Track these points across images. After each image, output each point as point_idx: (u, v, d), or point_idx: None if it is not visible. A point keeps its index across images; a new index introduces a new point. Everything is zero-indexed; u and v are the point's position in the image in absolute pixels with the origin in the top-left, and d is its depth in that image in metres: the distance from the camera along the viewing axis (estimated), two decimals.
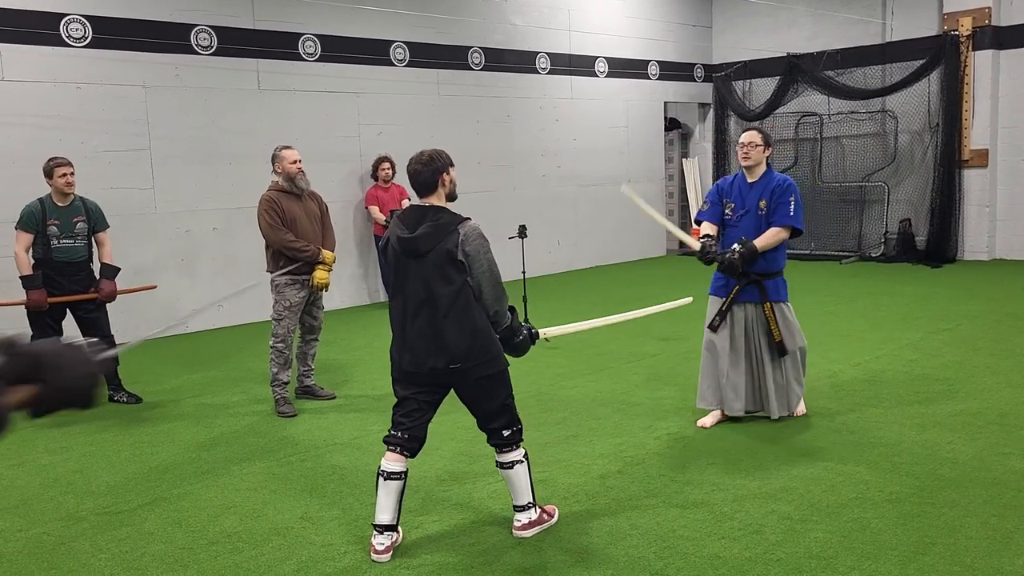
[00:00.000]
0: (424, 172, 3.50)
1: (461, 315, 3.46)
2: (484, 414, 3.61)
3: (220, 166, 8.74)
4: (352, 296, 9.90)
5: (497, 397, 3.58)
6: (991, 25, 11.10)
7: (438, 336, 3.45)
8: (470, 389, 3.57)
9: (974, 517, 3.67)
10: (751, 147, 4.90)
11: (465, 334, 3.46)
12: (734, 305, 4.93)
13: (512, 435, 3.62)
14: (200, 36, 8.53)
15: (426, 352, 3.48)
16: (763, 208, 4.86)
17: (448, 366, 3.46)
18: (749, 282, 4.89)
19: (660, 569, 3.33)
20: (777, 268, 4.94)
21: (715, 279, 5.05)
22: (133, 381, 6.46)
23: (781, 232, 4.83)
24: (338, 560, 3.52)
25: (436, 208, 3.52)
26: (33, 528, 3.97)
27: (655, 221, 5.22)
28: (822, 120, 12.62)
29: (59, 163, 5.74)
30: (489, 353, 3.52)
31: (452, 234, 3.43)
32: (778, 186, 4.87)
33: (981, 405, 5.22)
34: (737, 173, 5.06)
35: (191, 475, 4.59)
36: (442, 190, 3.54)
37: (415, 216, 3.51)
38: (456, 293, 3.45)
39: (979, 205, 11.45)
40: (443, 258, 3.43)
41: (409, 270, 3.49)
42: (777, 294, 4.95)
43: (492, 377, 3.55)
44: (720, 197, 5.04)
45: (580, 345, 7.33)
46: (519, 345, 3.69)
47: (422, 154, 3.54)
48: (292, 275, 5.59)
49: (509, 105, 11.26)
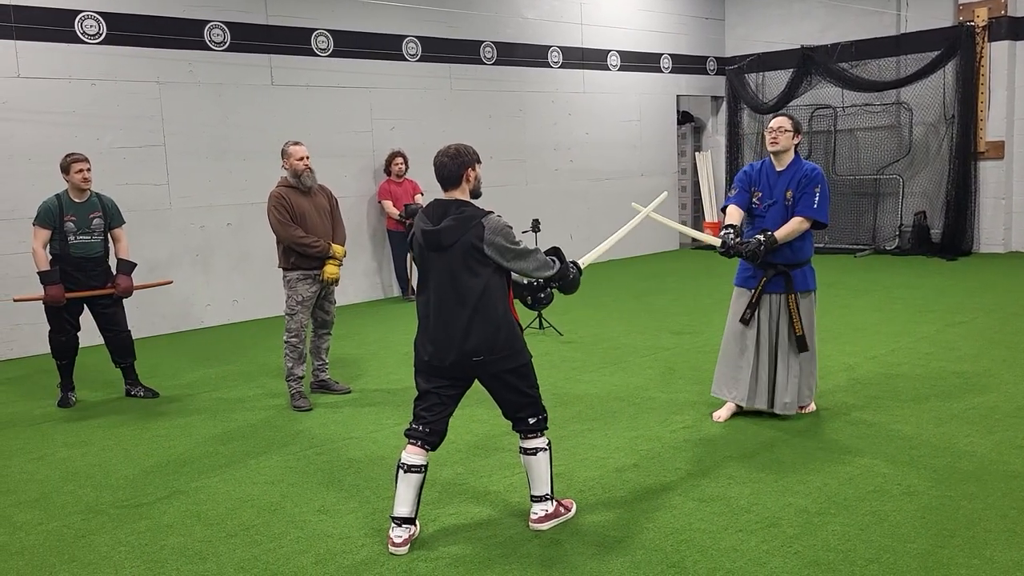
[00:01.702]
0: (450, 165, 3.51)
1: (485, 308, 3.47)
2: (510, 405, 3.64)
3: (234, 162, 8.77)
4: (366, 291, 9.92)
5: (522, 389, 3.60)
6: (1007, 16, 11.00)
7: (462, 329, 3.47)
8: (494, 382, 3.58)
9: (993, 510, 3.65)
10: (780, 132, 4.80)
11: (489, 327, 3.48)
12: (761, 296, 4.88)
13: (538, 423, 3.66)
14: (213, 32, 8.55)
15: (449, 344, 3.49)
16: (790, 199, 4.78)
17: (471, 359, 3.48)
18: (776, 273, 4.83)
19: (677, 562, 3.33)
20: (805, 258, 4.88)
21: (741, 269, 4.99)
22: (150, 376, 6.50)
23: (804, 223, 4.76)
24: (356, 553, 3.54)
25: (460, 202, 3.53)
26: (53, 521, 4.01)
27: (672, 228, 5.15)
28: (836, 113, 12.55)
29: (76, 159, 5.78)
30: (512, 347, 3.54)
31: (475, 227, 3.45)
32: (805, 175, 4.78)
33: (998, 398, 5.19)
34: (764, 160, 4.95)
35: (209, 469, 4.62)
36: (466, 185, 3.56)
37: (439, 210, 3.53)
38: (480, 286, 3.46)
39: (995, 197, 11.36)
40: (467, 251, 3.44)
41: (433, 263, 3.51)
42: (805, 284, 4.89)
43: (516, 371, 3.57)
44: (749, 184, 4.93)
45: (594, 339, 7.33)
46: (574, 281, 3.82)
47: (449, 148, 3.55)
48: (303, 270, 5.61)
49: (521, 99, 11.25)
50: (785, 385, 4.92)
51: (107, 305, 5.94)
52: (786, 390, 4.92)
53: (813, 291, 4.96)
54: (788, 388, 4.92)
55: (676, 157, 13.64)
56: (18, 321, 7.49)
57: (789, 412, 4.93)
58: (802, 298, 4.90)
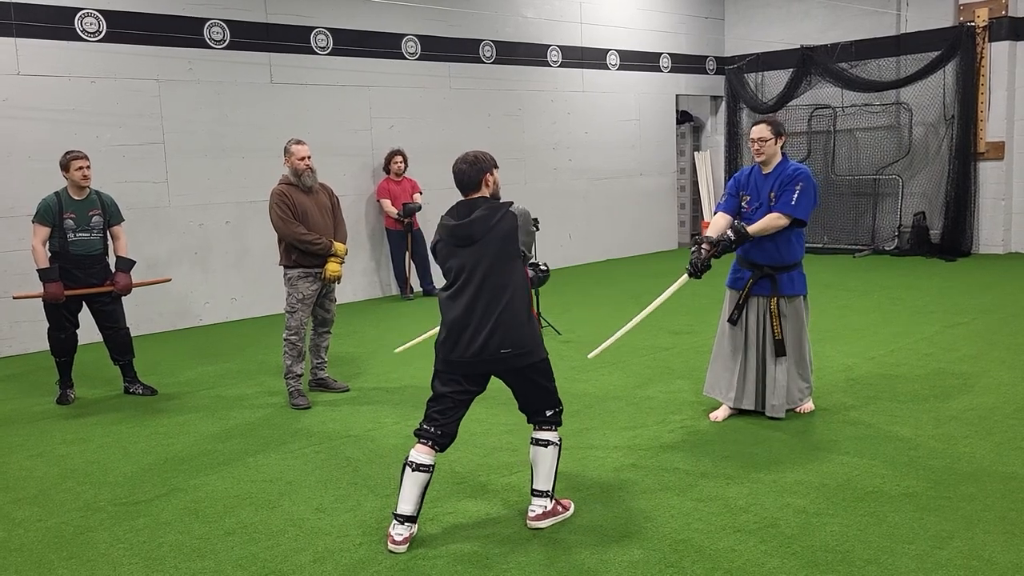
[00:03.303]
0: (469, 172, 3.59)
1: (513, 304, 3.54)
2: (530, 399, 3.71)
3: (233, 160, 8.76)
4: (365, 289, 9.92)
5: (543, 384, 3.68)
6: (1008, 16, 11.00)
7: (491, 323, 3.51)
8: (518, 377, 3.64)
9: (992, 511, 3.65)
10: (761, 143, 4.80)
11: (517, 322, 3.55)
12: (749, 298, 4.90)
13: (555, 415, 3.73)
14: (213, 30, 8.55)
15: (475, 337, 3.52)
16: (773, 199, 4.78)
17: (499, 351, 3.53)
18: (763, 276, 4.84)
19: (675, 562, 3.33)
20: (793, 260, 4.86)
21: (732, 271, 5.02)
22: (148, 373, 6.50)
23: (779, 219, 4.70)
24: (353, 551, 3.54)
25: (485, 198, 3.61)
26: (51, 518, 4.01)
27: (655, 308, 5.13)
28: (835, 113, 12.54)
29: (75, 156, 5.77)
30: (535, 343, 3.63)
31: (507, 216, 3.55)
32: (788, 175, 4.76)
33: (997, 399, 5.19)
34: (754, 165, 4.98)
35: (207, 466, 4.62)
36: (486, 190, 3.63)
37: (464, 209, 3.59)
38: (510, 281, 3.54)
39: (994, 198, 11.36)
40: (501, 240, 3.52)
41: (465, 259, 3.55)
42: (792, 288, 4.87)
43: (536, 366, 3.64)
44: (737, 189, 4.98)
45: (593, 338, 7.32)
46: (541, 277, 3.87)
47: (467, 155, 3.63)
48: (304, 268, 5.61)
49: (520, 98, 11.24)
50: (773, 387, 4.89)
51: (106, 303, 5.93)
52: (774, 392, 4.89)
53: (803, 295, 4.91)
54: (776, 390, 4.89)
55: (675, 157, 13.63)
56: (18, 318, 7.48)
57: (778, 415, 4.90)
58: (789, 302, 4.86)
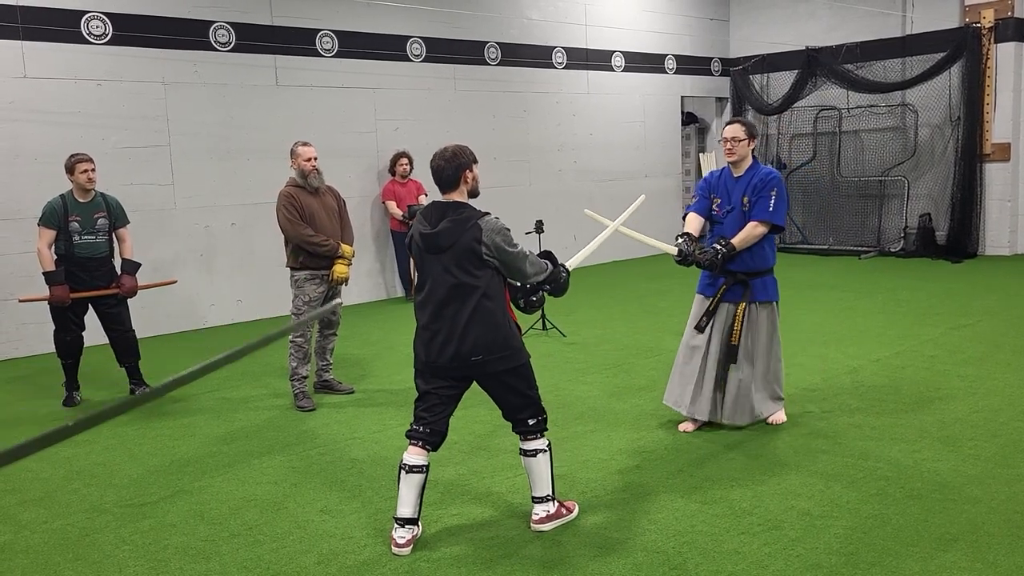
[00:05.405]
0: (447, 168, 3.52)
1: (483, 309, 3.48)
2: (509, 406, 3.65)
3: (238, 162, 8.79)
4: (369, 291, 9.93)
5: (521, 390, 3.61)
6: (1014, 17, 10.97)
7: (460, 329, 3.47)
8: (493, 382, 3.59)
9: (996, 514, 3.64)
10: (734, 142, 4.72)
11: (487, 328, 3.48)
12: (719, 304, 4.77)
13: (537, 424, 3.66)
14: (218, 32, 8.57)
15: (447, 345, 3.50)
16: (747, 204, 4.69)
17: (470, 359, 3.49)
18: (736, 282, 4.74)
19: (679, 564, 3.33)
20: (766, 267, 4.77)
21: (703, 277, 4.87)
22: (154, 375, 6.51)
23: (759, 227, 4.64)
24: (358, 553, 3.55)
25: (457, 204, 3.54)
26: (57, 520, 4.02)
27: (626, 235, 5.09)
28: (841, 114, 12.52)
29: (80, 159, 5.79)
30: (510, 347, 3.54)
31: (472, 228, 3.46)
32: (761, 180, 4.67)
33: (1002, 402, 5.18)
34: (725, 167, 4.89)
35: (212, 468, 4.63)
36: (464, 187, 3.56)
37: (437, 212, 3.53)
38: (478, 288, 3.47)
39: (1000, 200, 11.33)
40: (465, 252, 3.45)
41: (432, 265, 3.52)
42: (765, 294, 4.77)
43: (514, 371, 3.57)
44: (708, 191, 4.89)
45: (597, 341, 7.33)
46: (564, 284, 3.82)
47: (445, 150, 3.55)
48: (311, 269, 5.62)
49: (525, 100, 11.25)
50: (735, 396, 4.78)
51: (112, 305, 5.95)
52: (736, 401, 4.78)
53: (775, 302, 4.84)
54: (738, 400, 4.78)
55: (680, 158, 13.62)
56: (24, 320, 7.51)
57: (739, 422, 4.79)
58: (761, 308, 4.77)
